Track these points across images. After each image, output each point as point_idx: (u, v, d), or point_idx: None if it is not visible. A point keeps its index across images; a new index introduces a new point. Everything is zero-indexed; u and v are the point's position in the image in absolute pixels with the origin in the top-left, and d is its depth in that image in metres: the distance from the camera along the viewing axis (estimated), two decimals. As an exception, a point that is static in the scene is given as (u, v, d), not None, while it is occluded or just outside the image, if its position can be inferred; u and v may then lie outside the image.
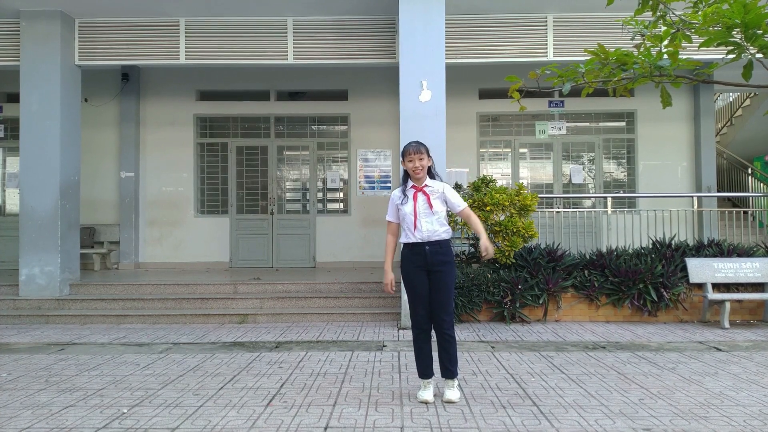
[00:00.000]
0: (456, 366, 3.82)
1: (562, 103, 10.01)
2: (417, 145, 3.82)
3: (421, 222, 3.75)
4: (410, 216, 3.78)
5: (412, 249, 3.80)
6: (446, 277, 3.76)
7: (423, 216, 3.76)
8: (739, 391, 3.99)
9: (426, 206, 3.78)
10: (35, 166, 7.46)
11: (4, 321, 6.98)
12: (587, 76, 2.84)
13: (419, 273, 3.78)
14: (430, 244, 3.75)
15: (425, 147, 3.84)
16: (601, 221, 9.14)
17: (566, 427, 3.31)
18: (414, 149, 3.79)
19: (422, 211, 3.77)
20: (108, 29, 7.83)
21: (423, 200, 3.79)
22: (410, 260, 3.81)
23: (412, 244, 3.80)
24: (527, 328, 6.46)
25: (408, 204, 3.82)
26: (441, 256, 3.77)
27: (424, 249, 3.76)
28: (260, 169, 10.26)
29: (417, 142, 3.87)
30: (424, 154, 3.80)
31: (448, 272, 3.77)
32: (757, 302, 6.87)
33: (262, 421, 3.45)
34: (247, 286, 7.63)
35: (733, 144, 12.50)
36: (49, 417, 3.53)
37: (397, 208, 3.91)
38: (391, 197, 3.97)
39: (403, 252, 3.87)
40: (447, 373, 3.81)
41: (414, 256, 3.79)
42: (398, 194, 3.93)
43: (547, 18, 7.64)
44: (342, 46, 7.76)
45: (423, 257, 3.76)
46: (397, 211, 3.90)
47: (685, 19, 2.75)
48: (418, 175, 3.80)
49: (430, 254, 3.75)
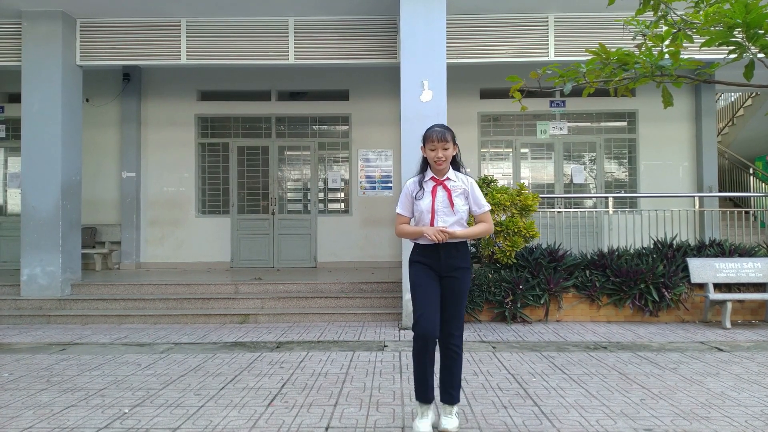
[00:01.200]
0: (459, 390, 3.31)
1: (563, 103, 10.00)
2: (442, 131, 3.20)
3: (439, 222, 3.21)
4: (426, 214, 3.23)
5: (425, 251, 3.27)
6: (461, 284, 3.24)
7: (442, 215, 3.22)
8: (740, 392, 3.98)
9: (446, 204, 3.22)
10: (37, 166, 7.46)
11: (5, 321, 6.99)
12: (588, 76, 2.83)
13: (430, 277, 3.26)
14: (446, 248, 3.23)
15: (451, 133, 3.24)
16: (603, 221, 9.14)
17: (567, 428, 3.31)
18: (438, 135, 3.18)
19: (441, 209, 3.22)
20: (109, 29, 7.84)
21: (443, 196, 3.24)
22: (421, 262, 3.29)
23: (424, 246, 3.27)
24: (528, 328, 6.46)
25: (425, 199, 3.25)
26: (457, 261, 3.25)
27: (438, 252, 3.23)
28: (261, 169, 10.26)
29: (442, 126, 3.26)
30: (449, 142, 3.20)
31: (462, 279, 3.25)
32: (758, 302, 6.86)
33: (264, 421, 3.45)
34: (248, 286, 7.63)
35: (734, 144, 12.49)
36: (51, 417, 3.53)
37: (412, 200, 3.31)
38: (405, 187, 3.36)
39: (414, 252, 3.35)
40: (447, 398, 3.27)
41: (426, 258, 3.27)
42: (413, 185, 3.32)
43: (548, 18, 7.63)
44: (343, 46, 7.77)
45: (436, 261, 3.24)
46: (412, 205, 3.31)
47: (686, 18, 2.74)
48: (441, 167, 3.23)
49: (445, 258, 3.23)
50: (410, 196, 3.32)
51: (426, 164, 3.33)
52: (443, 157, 3.20)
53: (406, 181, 3.43)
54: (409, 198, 3.33)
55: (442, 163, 3.22)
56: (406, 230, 3.33)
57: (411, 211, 3.33)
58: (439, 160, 3.21)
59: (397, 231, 3.38)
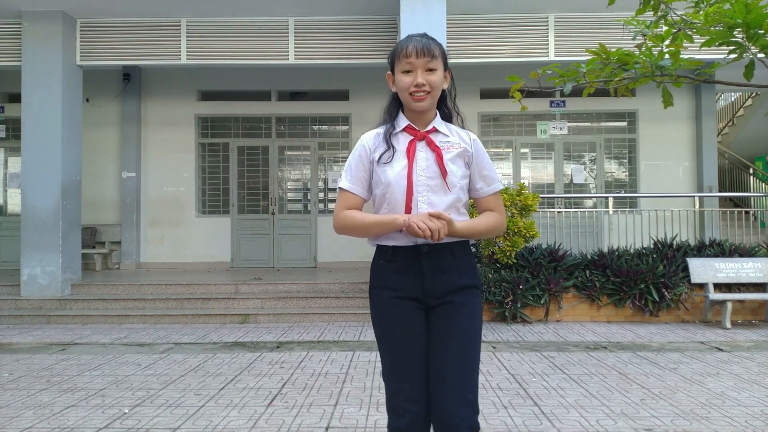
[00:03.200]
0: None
1: (563, 103, 10.00)
2: (424, 41, 1.85)
3: (421, 206, 1.82)
4: (398, 190, 1.82)
5: (395, 259, 1.85)
6: (465, 317, 1.83)
7: (426, 192, 1.83)
8: (740, 392, 3.98)
9: (434, 171, 1.84)
10: (37, 166, 7.46)
11: (5, 321, 6.99)
12: (588, 75, 2.83)
13: (407, 310, 1.84)
14: (434, 254, 1.83)
15: (441, 48, 1.88)
16: (603, 221, 9.13)
17: (567, 428, 3.31)
18: (418, 47, 1.82)
19: (424, 181, 1.83)
20: (109, 29, 7.84)
21: (428, 159, 1.85)
22: (388, 283, 1.86)
23: (395, 250, 1.85)
24: (528, 328, 6.46)
25: (395, 162, 1.85)
26: (455, 276, 1.85)
27: (418, 260, 1.83)
28: (261, 169, 10.26)
29: (426, 35, 1.89)
30: (437, 60, 1.84)
31: (468, 306, 1.85)
32: (758, 302, 6.86)
33: (264, 421, 3.45)
34: (248, 286, 7.63)
35: (734, 144, 12.48)
36: (51, 417, 3.53)
37: (370, 167, 1.89)
38: (358, 145, 1.93)
39: (376, 267, 1.91)
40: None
41: (397, 274, 1.85)
42: (374, 140, 1.91)
43: (548, 18, 7.63)
44: (343, 46, 7.77)
45: (416, 280, 1.83)
46: (368, 176, 1.90)
47: (686, 18, 2.74)
48: (421, 103, 1.85)
49: (431, 273, 1.83)
50: (366, 159, 1.89)
51: (397, 106, 1.96)
52: (426, 84, 1.82)
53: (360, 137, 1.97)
54: (363, 162, 1.89)
55: (423, 96, 1.83)
56: (359, 221, 1.84)
57: (367, 185, 1.91)
58: (419, 88, 1.82)
59: (339, 222, 1.88)
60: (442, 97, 1.94)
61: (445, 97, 1.97)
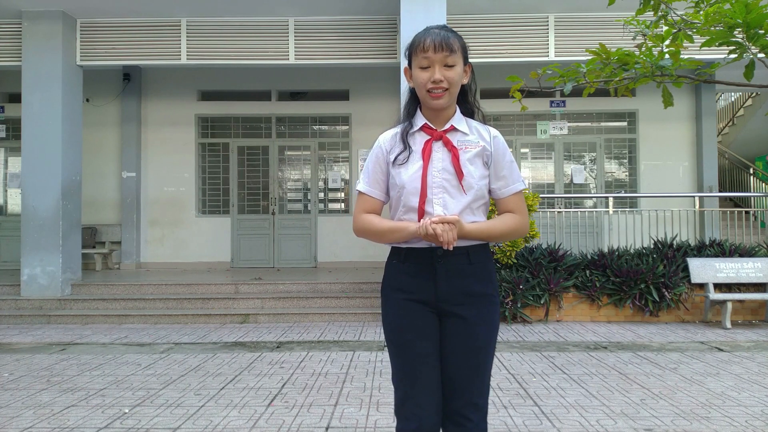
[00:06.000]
0: None
1: (563, 103, 10.00)
2: (442, 34, 1.76)
3: (435, 209, 1.78)
4: (411, 192, 1.79)
5: (409, 262, 1.84)
6: (480, 326, 1.80)
7: (441, 194, 1.79)
8: (740, 392, 3.98)
9: (450, 172, 1.80)
10: (37, 166, 7.46)
11: (5, 321, 6.99)
12: (588, 75, 2.83)
13: (419, 314, 1.82)
14: (449, 258, 1.79)
15: (460, 42, 1.81)
16: (603, 221, 9.13)
17: (567, 428, 3.31)
18: (437, 40, 1.74)
19: (439, 182, 1.79)
20: (109, 29, 7.84)
21: (444, 159, 1.81)
22: (401, 285, 1.84)
23: (408, 252, 1.83)
24: (528, 328, 6.46)
25: (410, 164, 1.82)
26: (470, 281, 1.81)
27: (432, 264, 1.80)
28: (261, 169, 10.27)
29: (445, 27, 1.81)
30: (456, 54, 1.77)
31: (484, 315, 1.81)
32: (758, 302, 6.86)
33: (264, 421, 3.45)
34: (248, 286, 7.63)
35: (734, 144, 12.48)
36: (51, 417, 3.53)
37: (386, 169, 1.88)
38: (375, 146, 1.92)
39: (390, 269, 1.90)
40: None
41: (411, 278, 1.83)
42: (390, 140, 1.89)
43: (548, 18, 7.63)
44: (343, 46, 7.77)
45: (429, 285, 1.81)
46: (386, 177, 1.88)
47: (686, 18, 2.74)
48: (439, 100, 1.79)
49: (445, 275, 1.80)
50: (383, 161, 1.87)
51: (415, 103, 1.90)
52: (443, 81, 1.75)
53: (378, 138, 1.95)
54: (380, 164, 1.88)
55: (441, 93, 1.77)
56: (376, 227, 1.83)
57: (384, 187, 1.89)
58: (436, 85, 1.76)
59: (358, 225, 1.88)
60: (462, 92, 1.88)
61: (467, 92, 1.91)
